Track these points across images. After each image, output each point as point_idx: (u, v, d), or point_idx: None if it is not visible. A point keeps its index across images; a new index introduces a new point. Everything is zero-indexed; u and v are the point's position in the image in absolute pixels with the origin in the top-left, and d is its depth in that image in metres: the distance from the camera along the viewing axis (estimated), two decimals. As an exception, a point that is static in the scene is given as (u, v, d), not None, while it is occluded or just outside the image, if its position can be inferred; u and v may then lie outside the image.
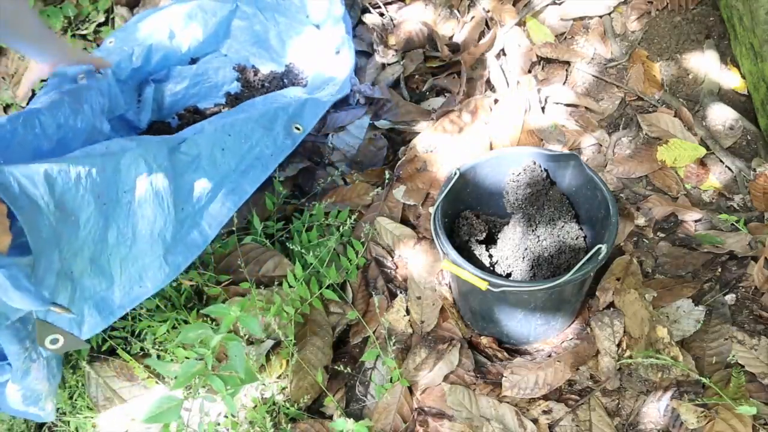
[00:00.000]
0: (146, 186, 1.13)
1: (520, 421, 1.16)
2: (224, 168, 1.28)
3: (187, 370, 1.07)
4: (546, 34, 1.78)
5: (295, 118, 1.42)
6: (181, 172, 1.21)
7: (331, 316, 1.37)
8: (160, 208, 1.15)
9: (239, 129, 1.31)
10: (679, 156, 1.50)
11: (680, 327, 1.23)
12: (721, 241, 1.34)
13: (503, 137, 1.58)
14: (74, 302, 1.04)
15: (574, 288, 1.17)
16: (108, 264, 1.09)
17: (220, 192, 1.27)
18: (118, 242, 1.09)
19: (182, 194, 1.20)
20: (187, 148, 1.23)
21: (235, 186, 1.29)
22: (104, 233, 1.07)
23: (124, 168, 1.10)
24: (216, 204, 1.26)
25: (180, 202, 1.19)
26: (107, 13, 2.16)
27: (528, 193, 1.32)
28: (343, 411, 1.23)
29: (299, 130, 1.40)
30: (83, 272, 1.05)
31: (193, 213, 1.22)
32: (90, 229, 1.05)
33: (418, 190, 1.54)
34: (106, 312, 1.10)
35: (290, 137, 1.39)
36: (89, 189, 1.04)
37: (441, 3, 1.96)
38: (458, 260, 1.13)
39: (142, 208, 1.12)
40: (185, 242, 1.20)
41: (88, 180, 1.04)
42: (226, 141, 1.28)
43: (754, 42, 1.45)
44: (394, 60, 1.86)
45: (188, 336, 1.10)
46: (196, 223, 1.23)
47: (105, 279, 1.09)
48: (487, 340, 1.29)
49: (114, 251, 1.09)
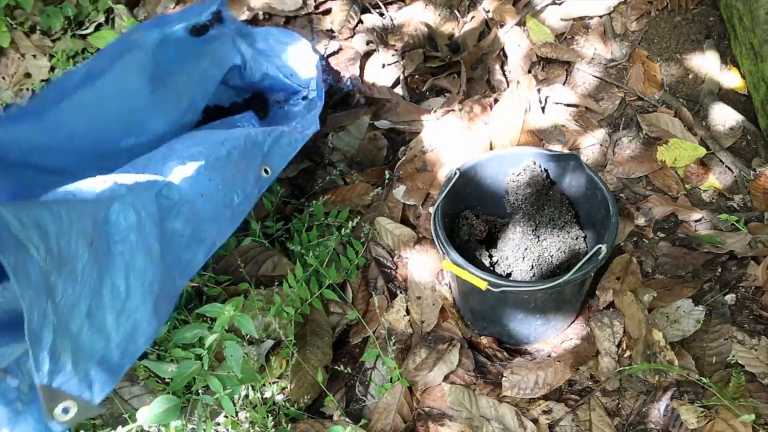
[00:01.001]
0: (136, 236, 1.07)
1: (520, 421, 1.16)
2: (200, 215, 1.20)
3: (184, 371, 1.07)
4: (546, 34, 1.78)
5: (267, 159, 1.32)
6: (164, 217, 1.14)
7: (331, 316, 1.37)
8: (149, 258, 1.08)
9: (220, 173, 1.23)
10: (679, 156, 1.50)
11: (680, 327, 1.23)
12: (721, 241, 1.34)
13: (503, 137, 1.58)
14: (79, 363, 0.95)
15: (574, 288, 1.17)
16: (104, 320, 1.01)
17: (193, 241, 1.19)
18: (113, 296, 1.03)
19: (164, 242, 1.13)
20: (168, 192, 1.16)
21: (205, 236, 1.20)
22: (99, 286, 1.00)
23: (114, 217, 1.05)
24: (188, 254, 1.18)
25: (162, 252, 1.13)
26: (107, 13, 2.16)
27: (528, 193, 1.32)
28: (343, 411, 1.23)
29: (267, 174, 1.31)
30: (81, 329, 0.97)
31: (171, 262, 1.15)
32: (85, 280, 0.98)
33: (418, 190, 1.54)
34: (109, 371, 1.00)
35: (258, 183, 1.30)
36: (81, 234, 0.97)
37: (441, 3, 1.96)
38: (458, 260, 1.13)
39: (134, 258, 1.06)
40: (168, 291, 1.13)
41: (79, 225, 0.97)
42: (207, 186, 1.21)
43: (754, 42, 1.45)
44: (394, 60, 1.86)
45: (185, 336, 1.10)
46: (171, 275, 1.15)
47: (102, 337, 1.01)
48: (487, 340, 1.29)
49: (110, 306, 1.02)
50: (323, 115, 1.78)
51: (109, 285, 1.02)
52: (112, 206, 1.04)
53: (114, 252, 1.03)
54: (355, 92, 1.79)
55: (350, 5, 1.96)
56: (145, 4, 2.14)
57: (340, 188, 1.61)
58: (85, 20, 2.18)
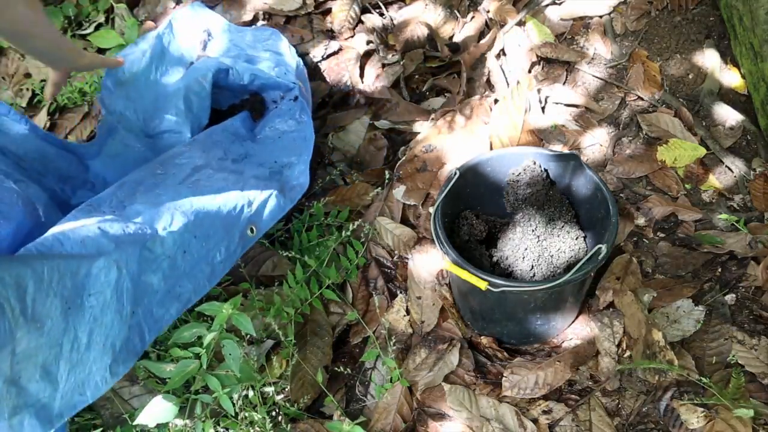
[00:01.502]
0: (111, 292, 1.06)
1: (520, 421, 1.16)
2: (179, 271, 1.18)
3: (182, 370, 1.07)
4: (546, 34, 1.78)
5: (254, 218, 1.29)
6: (142, 271, 1.13)
7: (331, 316, 1.37)
8: (118, 315, 1.08)
9: (206, 230, 1.21)
10: (679, 156, 1.50)
11: (680, 327, 1.23)
12: (721, 241, 1.34)
13: (503, 137, 1.58)
14: (17, 411, 0.96)
15: (574, 288, 1.17)
16: (57, 369, 1.00)
17: (168, 296, 1.17)
18: (72, 348, 1.02)
19: (137, 297, 1.12)
20: (152, 245, 1.14)
21: (181, 292, 1.19)
22: (61, 338, 1.00)
23: (95, 272, 1.04)
24: (160, 309, 1.16)
25: (134, 307, 1.12)
26: (107, 13, 2.16)
27: (528, 193, 1.32)
28: (343, 411, 1.23)
29: (252, 233, 1.29)
30: (31, 378, 0.97)
31: (141, 317, 1.13)
32: (50, 334, 0.98)
33: (418, 190, 1.54)
34: (45, 421, 0.99)
35: (242, 242, 1.27)
36: (59, 294, 0.98)
37: (441, 3, 1.96)
38: (458, 260, 1.13)
39: (103, 314, 1.06)
40: (128, 349, 1.11)
41: (59, 286, 0.98)
42: (191, 243, 1.19)
43: (754, 42, 1.45)
44: (394, 60, 1.86)
45: (183, 335, 1.10)
46: (140, 329, 1.13)
47: (50, 385, 1.00)
48: (487, 340, 1.29)
49: (66, 357, 1.01)
50: (323, 114, 1.78)
51: (71, 336, 1.02)
52: (97, 262, 1.04)
53: (85, 305, 1.03)
54: (355, 92, 1.79)
55: (350, 5, 1.96)
56: (145, 3, 2.14)
57: (340, 188, 1.61)
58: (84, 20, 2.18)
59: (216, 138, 1.53)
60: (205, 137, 1.51)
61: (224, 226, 1.24)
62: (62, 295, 0.99)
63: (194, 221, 1.20)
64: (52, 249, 1.04)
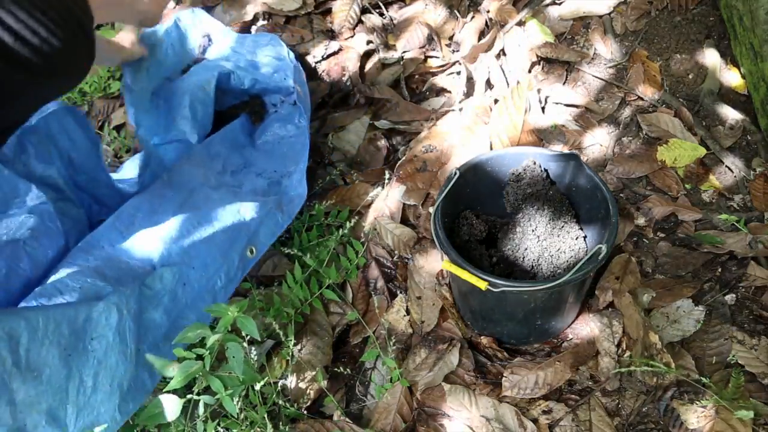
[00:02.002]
0: (114, 335, 1.07)
1: (520, 421, 1.16)
2: (180, 303, 1.20)
3: (185, 370, 1.07)
4: (546, 34, 1.78)
5: (253, 239, 1.31)
6: (143, 309, 1.14)
7: (331, 316, 1.37)
8: (123, 356, 1.09)
9: (204, 260, 1.23)
10: (679, 156, 1.50)
11: (680, 327, 1.23)
12: (721, 241, 1.34)
13: (503, 137, 1.58)
14: None
15: (574, 288, 1.17)
16: (64, 414, 1.02)
17: (172, 330, 1.19)
18: (78, 393, 1.04)
19: (141, 334, 1.14)
20: (151, 282, 1.15)
21: (186, 323, 1.20)
22: (65, 383, 1.02)
23: (95, 316, 1.05)
24: (167, 342, 1.18)
25: (139, 344, 1.13)
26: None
27: (528, 193, 1.32)
28: (343, 411, 1.23)
29: (252, 254, 1.30)
30: (37, 425, 0.99)
31: (147, 354, 1.14)
32: (51, 381, 0.99)
33: (418, 190, 1.54)
34: None
35: (242, 264, 1.29)
36: (55, 343, 0.99)
37: (441, 3, 1.96)
38: (458, 260, 1.13)
39: (107, 356, 1.07)
40: (137, 387, 1.13)
41: (56, 334, 0.99)
42: (189, 275, 1.21)
43: (754, 42, 1.45)
44: (394, 60, 1.86)
45: (187, 336, 1.10)
46: (148, 365, 1.14)
47: (58, 430, 1.02)
48: (487, 340, 1.29)
49: (73, 402, 1.03)
50: (323, 114, 1.78)
51: (76, 381, 1.03)
52: (96, 306, 1.05)
53: (88, 349, 1.05)
54: (355, 92, 1.79)
55: (350, 5, 1.96)
56: (145, 4, 2.14)
57: (340, 188, 1.61)
58: (85, 20, 2.18)
59: (215, 150, 1.53)
60: (204, 149, 1.51)
61: (222, 252, 1.26)
62: (59, 343, 1.00)
63: (191, 253, 1.22)
64: (52, 299, 1.06)
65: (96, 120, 1.97)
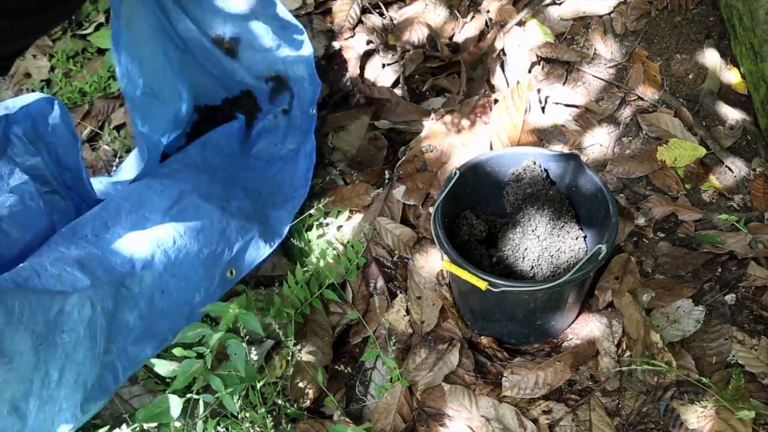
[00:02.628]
0: (85, 330, 1.05)
1: (520, 421, 1.16)
2: (156, 311, 1.17)
3: (186, 370, 1.07)
4: (546, 34, 1.78)
5: (234, 261, 1.30)
6: (118, 308, 1.12)
7: (331, 316, 1.37)
8: (91, 352, 1.06)
9: (185, 271, 1.21)
10: (679, 156, 1.50)
11: (680, 327, 1.23)
12: (721, 241, 1.34)
13: (503, 137, 1.58)
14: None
15: (574, 288, 1.17)
16: (26, 406, 0.99)
17: (144, 335, 1.16)
18: (42, 385, 1.01)
19: (112, 334, 1.11)
20: (129, 283, 1.13)
21: (158, 331, 1.18)
22: (31, 374, 0.98)
23: (68, 308, 1.02)
24: (135, 347, 1.15)
25: (108, 344, 1.11)
26: (107, 13, 2.16)
27: (528, 193, 1.32)
28: (343, 411, 1.23)
29: (232, 276, 1.29)
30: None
31: (115, 355, 1.13)
32: (18, 369, 0.96)
33: (418, 190, 1.54)
34: None
35: (222, 284, 1.27)
36: (29, 329, 0.97)
37: (441, 3, 1.96)
38: (458, 260, 1.13)
39: (76, 351, 1.04)
40: (100, 386, 1.10)
41: (30, 321, 0.97)
42: (169, 283, 1.18)
43: (754, 42, 1.45)
44: (394, 60, 1.86)
45: (187, 335, 1.10)
46: (113, 367, 1.12)
47: (19, 421, 0.99)
48: (487, 340, 1.29)
49: (36, 393, 1.00)
50: (323, 114, 1.78)
51: (42, 373, 1.00)
52: (70, 298, 1.03)
53: (57, 342, 1.02)
54: (355, 92, 1.79)
55: (350, 5, 1.96)
56: (145, 4, 2.14)
57: (340, 188, 1.61)
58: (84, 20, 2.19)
59: (209, 153, 1.50)
60: (199, 151, 1.48)
61: (204, 267, 1.24)
62: (33, 331, 0.97)
63: (174, 261, 1.20)
64: (28, 281, 1.02)
65: (96, 120, 1.97)
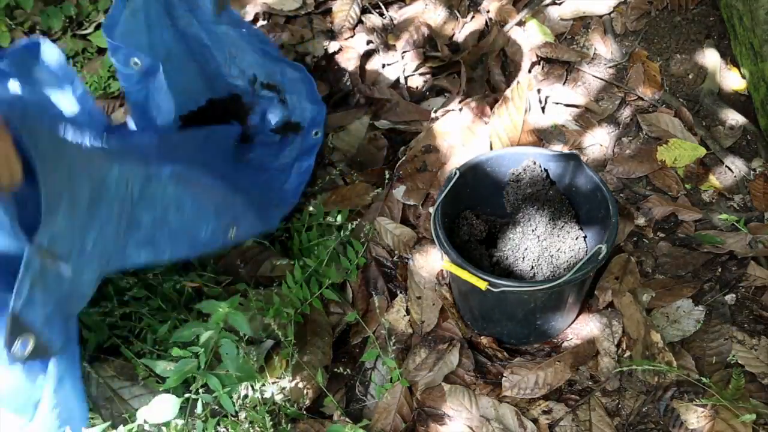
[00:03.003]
0: (118, 209, 1.03)
1: (520, 421, 1.16)
2: (167, 223, 1.15)
3: (181, 369, 1.08)
4: (546, 34, 1.78)
5: (236, 223, 1.29)
6: (136, 203, 1.09)
7: (331, 316, 1.37)
8: (115, 233, 1.04)
9: (200, 202, 1.20)
10: (679, 156, 1.50)
11: (680, 327, 1.23)
12: (721, 241, 1.34)
13: (503, 137, 1.58)
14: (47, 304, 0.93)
15: (574, 288, 1.17)
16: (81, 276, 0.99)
17: (145, 242, 1.13)
18: (79, 252, 0.98)
19: (129, 224, 1.09)
20: (155, 186, 1.11)
21: (159, 245, 1.15)
22: (75, 239, 0.96)
23: (108, 180, 1.01)
24: (133, 249, 1.12)
25: (128, 231, 1.09)
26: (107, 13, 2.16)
27: (528, 193, 1.32)
28: (343, 411, 1.23)
29: (232, 235, 1.28)
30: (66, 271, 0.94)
31: (118, 247, 1.10)
32: (75, 226, 0.94)
33: (418, 190, 1.54)
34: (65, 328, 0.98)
35: (224, 237, 1.27)
36: (87, 178, 0.95)
37: (441, 3, 1.96)
38: (458, 260, 1.13)
39: (105, 228, 1.02)
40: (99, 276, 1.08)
41: (87, 170, 0.95)
42: (185, 203, 1.17)
43: (754, 42, 1.45)
44: (394, 60, 1.86)
45: (183, 334, 1.10)
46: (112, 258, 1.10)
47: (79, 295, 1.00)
48: (487, 340, 1.29)
49: (73, 260, 0.97)
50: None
51: (82, 241, 0.97)
52: (113, 168, 1.01)
53: (96, 214, 1.00)
54: (355, 92, 1.79)
55: (350, 5, 1.96)
56: (145, 4, 2.14)
57: (340, 188, 1.61)
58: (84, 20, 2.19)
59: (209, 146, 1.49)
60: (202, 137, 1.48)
61: (216, 211, 1.24)
62: (90, 179, 0.95)
63: (194, 187, 1.19)
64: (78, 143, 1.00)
65: (96, 120, 1.96)
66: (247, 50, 1.51)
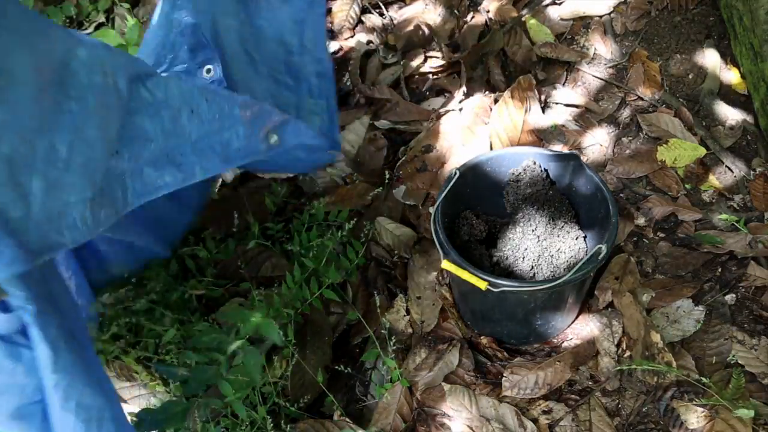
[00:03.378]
0: (95, 101, 0.84)
1: (520, 421, 1.16)
2: (182, 132, 0.97)
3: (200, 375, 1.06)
4: (546, 34, 1.78)
5: (277, 130, 1.14)
6: (134, 110, 0.92)
7: (331, 316, 1.37)
8: (102, 135, 0.85)
9: (220, 102, 1.01)
10: (679, 156, 1.50)
11: (680, 327, 1.23)
12: (721, 241, 1.34)
13: (503, 137, 1.58)
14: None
15: (574, 288, 1.17)
16: (29, 182, 0.76)
17: (164, 159, 0.96)
18: (48, 158, 0.79)
19: (125, 134, 0.91)
20: (153, 86, 0.93)
21: (184, 161, 0.98)
22: (34, 136, 0.77)
23: (74, 65, 0.81)
24: (152, 169, 0.94)
25: (120, 145, 0.90)
26: (107, 13, 2.16)
27: (528, 193, 1.32)
28: (343, 411, 1.23)
29: (275, 141, 1.13)
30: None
31: (126, 166, 0.92)
32: (16, 109, 0.74)
33: (418, 190, 1.54)
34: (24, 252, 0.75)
35: (266, 143, 1.11)
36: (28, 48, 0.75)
37: (441, 3, 1.96)
38: (458, 260, 1.13)
39: (86, 126, 0.83)
40: (110, 195, 0.89)
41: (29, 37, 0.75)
42: (200, 105, 0.98)
43: (754, 42, 1.45)
44: (394, 60, 1.86)
45: (203, 339, 1.09)
46: (122, 180, 0.91)
47: (20, 202, 0.76)
48: (487, 340, 1.29)
49: (41, 171, 0.78)
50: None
51: (46, 142, 0.78)
52: (78, 50, 0.81)
53: (63, 108, 0.81)
54: (355, 92, 1.79)
55: (350, 5, 1.96)
56: (145, 3, 2.14)
57: (340, 188, 1.61)
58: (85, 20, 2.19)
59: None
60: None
61: (242, 110, 1.05)
62: (33, 52, 0.75)
63: (207, 86, 1.03)
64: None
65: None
66: None
